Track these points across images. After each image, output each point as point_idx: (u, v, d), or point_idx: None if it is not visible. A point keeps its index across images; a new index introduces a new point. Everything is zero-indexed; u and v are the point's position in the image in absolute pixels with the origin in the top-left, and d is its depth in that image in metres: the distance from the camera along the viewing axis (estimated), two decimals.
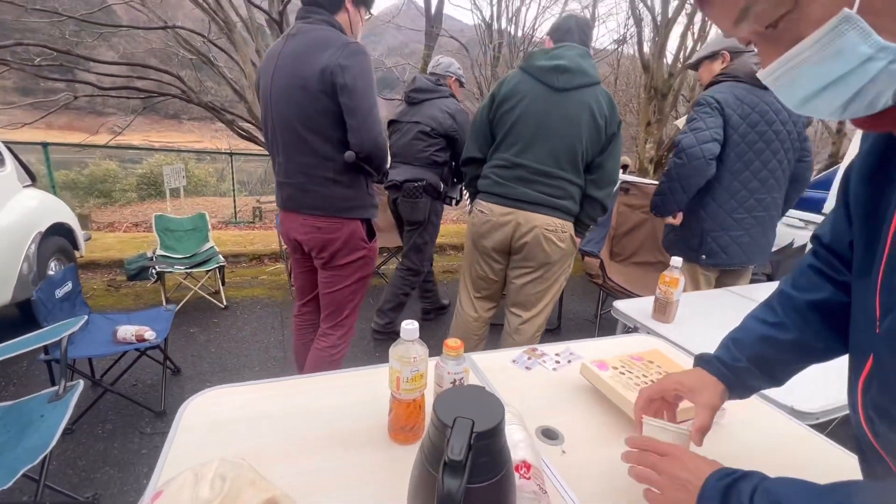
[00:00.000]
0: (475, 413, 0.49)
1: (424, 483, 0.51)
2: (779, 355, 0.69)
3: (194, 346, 2.68)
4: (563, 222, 1.84)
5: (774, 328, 0.68)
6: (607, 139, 1.78)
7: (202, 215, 3.40)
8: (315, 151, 1.52)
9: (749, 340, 0.70)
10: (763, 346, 0.68)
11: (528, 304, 1.99)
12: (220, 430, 0.84)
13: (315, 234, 1.61)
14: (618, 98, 17.08)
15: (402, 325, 0.79)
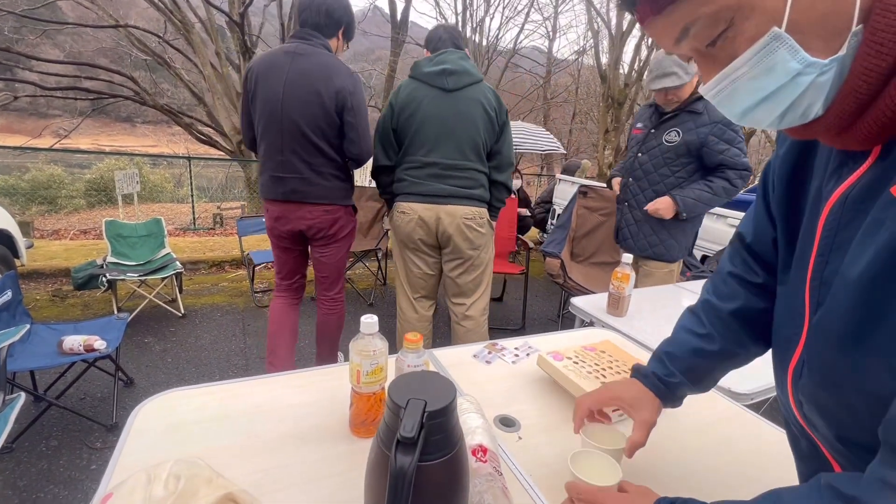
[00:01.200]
0: (428, 394, 0.51)
1: (379, 464, 0.52)
2: (708, 365, 0.72)
3: (149, 356, 2.56)
4: (478, 210, 2.01)
5: (703, 340, 0.71)
6: (500, 127, 1.99)
7: (157, 220, 3.26)
8: (322, 153, 1.87)
9: (681, 353, 0.73)
10: (694, 359, 0.72)
11: (469, 292, 2.16)
12: (175, 433, 0.82)
13: (324, 217, 1.96)
14: (578, 107, 17.68)
15: (362, 319, 0.81)
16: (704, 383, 0.75)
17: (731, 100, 0.43)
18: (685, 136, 1.92)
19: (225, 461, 0.75)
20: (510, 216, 3.52)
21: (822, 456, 0.52)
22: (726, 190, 1.88)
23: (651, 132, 2.03)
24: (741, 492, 0.79)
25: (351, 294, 3.74)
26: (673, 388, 0.72)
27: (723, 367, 0.73)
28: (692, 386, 0.73)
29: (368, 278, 4.17)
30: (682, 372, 0.72)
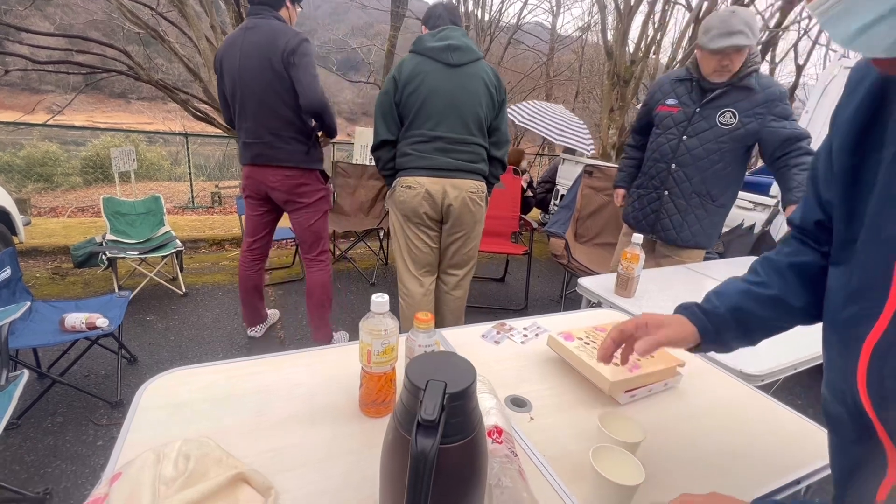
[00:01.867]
0: (447, 376, 0.49)
1: (397, 447, 0.51)
2: (758, 310, 0.68)
3: (151, 334, 2.56)
4: (480, 184, 2.07)
5: (756, 285, 0.69)
6: (499, 104, 2.02)
7: (156, 198, 3.22)
8: (280, 117, 2.01)
9: (730, 292, 0.70)
10: (743, 299, 0.69)
11: (463, 264, 2.22)
12: (182, 412, 0.81)
13: (286, 181, 2.13)
14: (582, 85, 17.35)
15: (373, 297, 0.79)
16: (752, 331, 0.69)
17: (847, 14, 0.36)
18: (743, 119, 1.75)
19: (233, 441, 0.74)
20: (513, 195, 3.48)
21: (874, 441, 0.49)
22: (808, 162, 1.71)
23: (697, 112, 1.84)
24: (756, 472, 0.79)
25: (353, 274, 3.72)
26: (716, 322, 0.68)
27: (777, 319, 0.68)
28: (737, 329, 0.68)
29: (370, 258, 4.15)
30: (727, 309, 0.68)
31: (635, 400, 0.94)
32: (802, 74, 13.99)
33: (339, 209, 3.92)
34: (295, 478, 0.68)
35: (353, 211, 3.96)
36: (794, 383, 2.55)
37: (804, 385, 2.55)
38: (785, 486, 0.77)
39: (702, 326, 0.69)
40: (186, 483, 0.60)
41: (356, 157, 5.45)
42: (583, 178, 3.29)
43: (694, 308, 0.71)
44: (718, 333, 0.69)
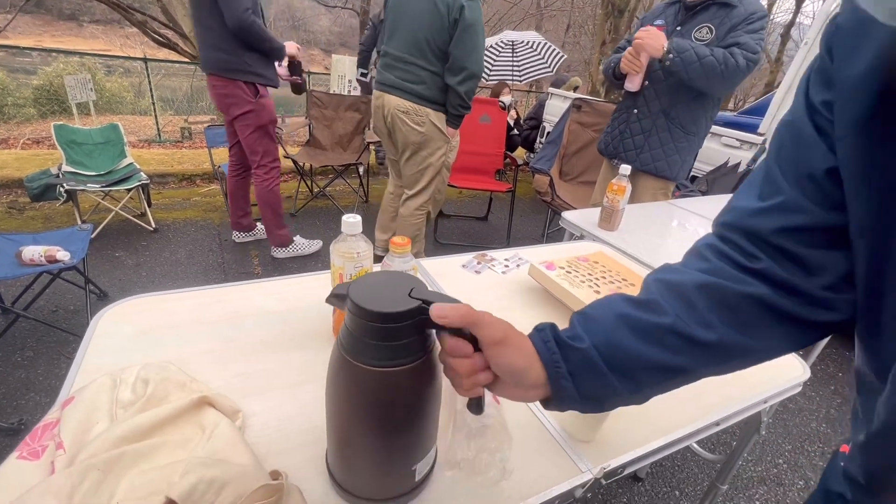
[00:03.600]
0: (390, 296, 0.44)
1: (342, 369, 0.46)
2: (642, 348, 0.43)
3: (122, 270, 2.47)
4: (415, 106, 2.06)
5: (640, 307, 0.45)
6: (451, 26, 1.92)
7: (114, 126, 2.97)
8: (206, 24, 2.11)
9: (603, 318, 0.45)
10: (618, 329, 0.44)
11: (409, 184, 2.31)
12: (145, 338, 0.76)
13: (213, 90, 2.27)
14: (574, 17, 16.43)
15: (344, 218, 0.73)
16: (637, 379, 0.43)
17: None
18: (719, 34, 1.69)
19: (199, 367, 0.70)
20: (498, 132, 3.34)
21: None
22: (725, 59, 1.61)
23: (677, 30, 1.79)
24: (728, 390, 0.80)
25: (332, 212, 3.62)
26: (571, 359, 0.43)
27: (668, 363, 0.43)
28: (614, 375, 0.43)
29: (350, 195, 4.03)
30: (596, 345, 0.43)
31: None
32: (801, 12, 13.48)
33: (316, 143, 3.73)
34: (264, 401, 0.66)
35: (330, 145, 3.77)
36: None
37: None
38: (751, 406, 0.80)
39: (552, 370, 0.43)
40: (145, 406, 0.57)
41: (334, 87, 5.13)
42: (571, 112, 3.16)
43: (549, 335, 0.45)
44: (584, 384, 0.43)
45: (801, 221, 0.40)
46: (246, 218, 2.81)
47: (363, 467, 0.51)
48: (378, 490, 0.52)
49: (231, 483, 0.46)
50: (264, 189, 2.47)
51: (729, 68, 1.61)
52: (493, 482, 0.52)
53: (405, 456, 0.50)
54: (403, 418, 0.47)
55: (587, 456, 0.62)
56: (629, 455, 0.64)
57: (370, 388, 0.44)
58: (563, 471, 0.60)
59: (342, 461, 0.52)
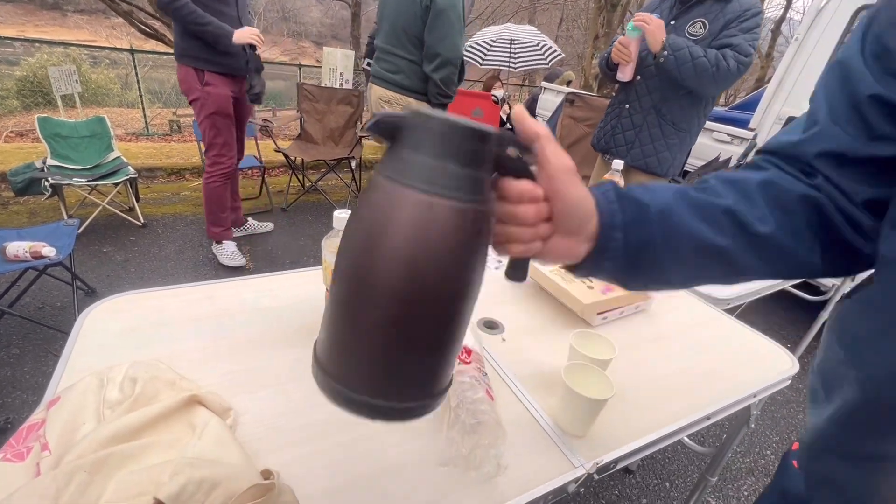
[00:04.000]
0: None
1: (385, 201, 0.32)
2: (698, 227, 0.41)
3: (110, 265, 2.43)
4: (396, 95, 2.09)
5: (701, 191, 0.43)
6: (424, 12, 1.91)
7: (100, 119, 2.91)
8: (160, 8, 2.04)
9: (661, 189, 0.42)
10: (678, 203, 0.41)
11: None
12: (133, 336, 0.75)
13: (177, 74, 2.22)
14: (567, 11, 16.37)
15: (335, 213, 0.72)
16: (677, 259, 0.41)
17: None
18: (712, 30, 1.67)
19: (189, 365, 0.69)
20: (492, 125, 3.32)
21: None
22: (717, 62, 1.61)
23: (671, 23, 1.77)
24: (717, 387, 0.81)
25: (324, 206, 3.59)
26: (628, 206, 0.39)
27: (718, 250, 0.41)
28: (662, 246, 0.40)
29: (342, 190, 4.00)
30: (659, 210, 0.40)
31: (607, 322, 0.94)
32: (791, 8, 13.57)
33: (307, 136, 3.69)
34: (256, 399, 0.65)
35: (321, 139, 3.73)
36: (752, 309, 2.70)
37: (761, 311, 2.71)
38: (741, 400, 0.80)
39: (607, 218, 0.39)
40: (133, 406, 0.56)
41: (325, 81, 5.07)
42: (563, 107, 3.16)
43: (609, 186, 0.41)
44: (631, 245, 0.40)
45: (843, 148, 0.40)
46: (235, 213, 2.77)
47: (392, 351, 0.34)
48: (408, 381, 0.35)
49: (221, 483, 0.46)
50: (204, 183, 2.37)
51: (720, 71, 1.61)
52: (487, 477, 0.52)
53: (450, 335, 0.35)
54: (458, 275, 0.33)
55: (580, 451, 0.63)
56: (621, 450, 0.64)
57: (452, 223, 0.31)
58: (556, 466, 0.60)
59: (361, 348, 0.34)
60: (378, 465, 0.57)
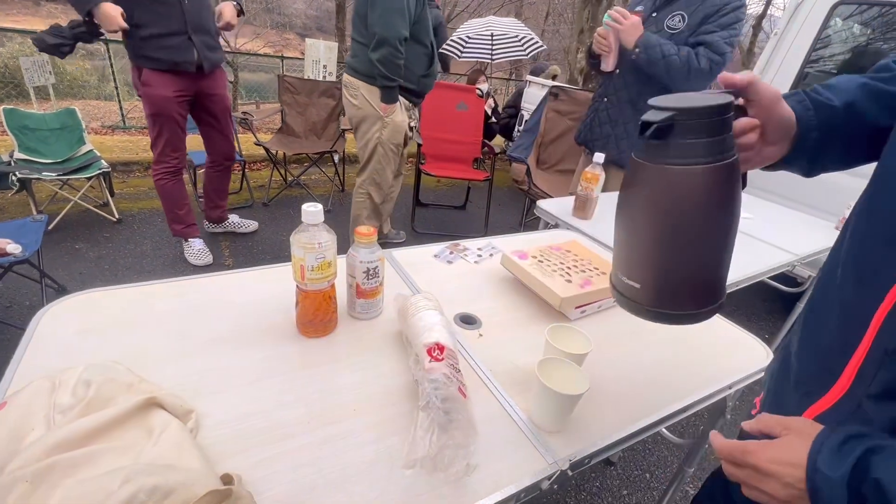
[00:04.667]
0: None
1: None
2: (878, 113, 0.51)
3: (82, 262, 2.36)
4: (351, 79, 2.10)
5: (882, 81, 0.51)
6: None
7: (71, 111, 2.81)
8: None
9: (844, 86, 0.52)
10: (861, 95, 0.51)
11: (359, 159, 2.35)
12: (92, 336, 0.72)
13: None
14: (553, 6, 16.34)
15: (304, 207, 0.69)
16: (859, 142, 0.52)
17: None
18: (690, 23, 1.66)
19: (152, 365, 0.66)
20: (476, 120, 3.31)
21: (839, 359, 0.46)
22: (689, 61, 1.59)
23: (652, 16, 1.75)
24: (693, 380, 0.81)
25: (306, 200, 3.52)
26: (823, 116, 0.51)
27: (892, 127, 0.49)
28: (845, 133, 0.52)
29: (325, 184, 3.94)
30: (844, 105, 0.51)
31: (585, 315, 0.93)
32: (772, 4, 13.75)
33: (288, 129, 3.62)
34: (221, 401, 0.63)
35: (303, 132, 3.67)
36: (732, 300, 2.74)
37: (737, 303, 2.75)
38: (717, 392, 0.80)
39: (806, 123, 0.51)
40: (86, 410, 0.53)
41: (308, 73, 4.98)
42: (548, 100, 3.15)
43: (803, 97, 0.52)
44: (822, 139, 0.51)
45: None
46: (217, 210, 2.70)
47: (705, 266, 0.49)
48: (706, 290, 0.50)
49: (176, 490, 0.44)
50: (153, 179, 2.24)
51: (692, 71, 1.60)
52: (456, 478, 0.51)
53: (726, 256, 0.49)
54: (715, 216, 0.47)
55: (555, 447, 0.62)
56: (595, 445, 0.63)
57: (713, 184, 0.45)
58: (531, 463, 0.59)
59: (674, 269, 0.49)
60: (346, 467, 0.55)
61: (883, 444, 0.36)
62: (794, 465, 0.40)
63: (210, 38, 2.06)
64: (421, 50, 2.10)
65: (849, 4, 2.43)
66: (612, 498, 1.48)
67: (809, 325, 0.53)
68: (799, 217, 1.85)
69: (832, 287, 0.49)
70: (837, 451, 0.38)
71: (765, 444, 0.44)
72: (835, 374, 0.46)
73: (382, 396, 0.66)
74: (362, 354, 0.74)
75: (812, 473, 0.38)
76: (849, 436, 0.39)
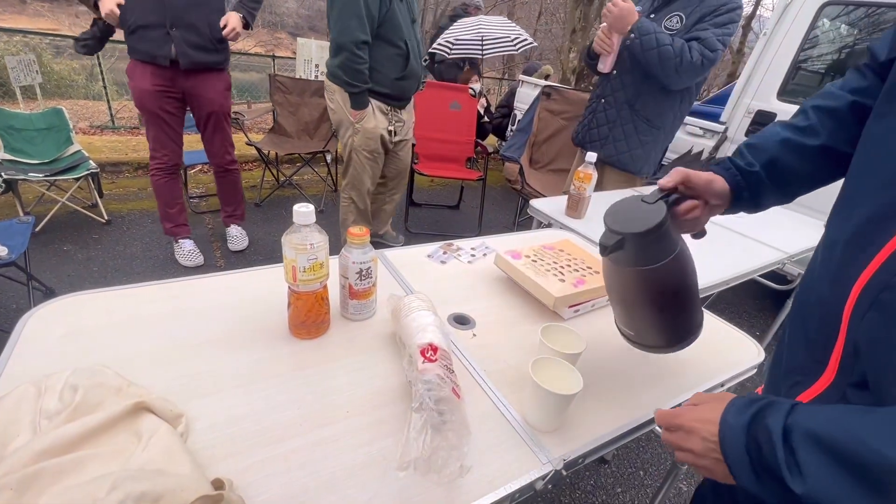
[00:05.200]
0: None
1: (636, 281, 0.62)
2: (798, 164, 0.61)
3: (71, 264, 2.32)
4: (329, 83, 2.06)
5: (800, 132, 0.60)
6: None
7: (58, 111, 2.77)
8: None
9: (767, 145, 0.62)
10: (782, 151, 0.61)
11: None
12: (80, 339, 0.71)
13: None
14: (545, 6, 16.39)
15: (295, 208, 0.69)
16: (788, 187, 0.63)
17: None
18: (687, 24, 1.67)
19: (141, 369, 0.65)
20: (469, 119, 3.30)
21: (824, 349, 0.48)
22: (682, 52, 1.60)
23: (650, 17, 1.76)
24: (685, 378, 0.81)
25: (299, 201, 3.49)
26: (750, 178, 0.62)
27: (817, 172, 0.61)
28: (772, 185, 0.62)
29: (318, 184, 3.92)
30: (762, 165, 0.62)
31: (579, 315, 0.93)
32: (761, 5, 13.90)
33: (280, 129, 3.59)
34: (212, 404, 0.62)
35: (296, 132, 3.64)
36: (723, 298, 2.77)
37: (729, 301, 2.78)
38: (709, 389, 0.81)
39: (736, 185, 0.62)
40: (73, 416, 0.52)
41: (300, 72, 4.96)
42: (540, 99, 3.16)
43: (728, 163, 0.63)
44: (753, 194, 0.63)
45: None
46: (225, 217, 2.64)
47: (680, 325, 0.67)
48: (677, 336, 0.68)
49: (164, 496, 0.43)
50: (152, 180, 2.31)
51: (683, 63, 1.60)
52: (450, 479, 0.51)
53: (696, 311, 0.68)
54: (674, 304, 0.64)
55: (550, 447, 0.62)
56: (589, 445, 0.63)
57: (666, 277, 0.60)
58: (524, 463, 0.59)
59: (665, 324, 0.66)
60: (338, 470, 0.54)
61: (780, 400, 0.44)
62: (711, 421, 0.47)
63: (196, 37, 2.02)
64: (392, 51, 1.98)
65: (836, 5, 2.46)
66: (607, 496, 1.49)
67: (797, 318, 0.55)
68: (788, 215, 1.87)
69: (813, 283, 0.52)
70: (744, 407, 0.45)
71: (690, 408, 0.53)
72: (821, 365, 0.48)
73: (376, 398, 0.66)
74: (355, 356, 0.74)
75: (722, 425, 0.46)
76: (755, 398, 0.46)
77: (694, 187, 0.62)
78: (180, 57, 2.01)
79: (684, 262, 0.61)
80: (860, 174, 0.49)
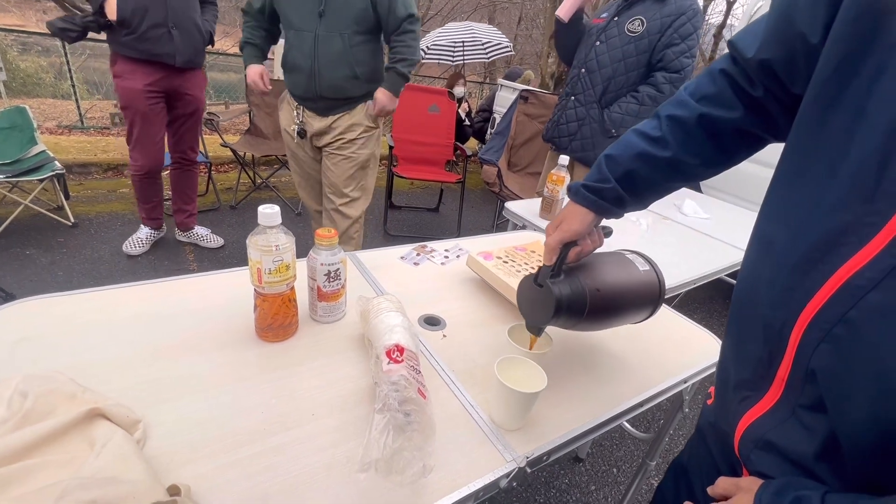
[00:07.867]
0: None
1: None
2: (650, 173, 0.64)
3: (33, 268, 2.24)
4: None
5: (653, 144, 0.63)
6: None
7: (21, 109, 2.67)
8: None
9: (624, 157, 0.65)
10: (636, 163, 0.64)
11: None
12: (31, 346, 0.68)
13: None
14: (525, 11, 16.60)
15: (260, 209, 0.68)
16: (643, 196, 0.67)
17: None
18: (649, 27, 1.72)
19: (100, 375, 0.64)
20: (448, 122, 3.32)
21: (767, 374, 0.48)
22: (653, 98, 1.74)
23: (614, 20, 1.81)
24: (649, 374, 0.84)
25: (277, 203, 3.46)
26: (605, 195, 0.65)
27: (668, 180, 0.66)
28: (629, 198, 0.66)
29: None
30: (618, 179, 0.64)
31: None
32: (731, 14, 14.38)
33: (257, 131, 3.54)
34: (173, 409, 0.61)
35: (272, 133, 3.59)
36: (691, 297, 2.84)
37: (699, 300, 2.85)
38: (672, 386, 0.83)
39: (595, 207, 0.66)
40: (22, 423, 0.51)
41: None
42: (518, 103, 3.19)
43: (582, 191, 0.66)
44: (611, 205, 0.66)
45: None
46: (180, 215, 2.59)
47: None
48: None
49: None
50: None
51: (657, 101, 1.73)
52: (412, 480, 0.51)
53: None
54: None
55: (515, 445, 0.62)
56: (553, 442, 0.64)
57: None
58: (489, 462, 0.59)
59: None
60: (300, 474, 0.54)
61: (809, 494, 0.42)
62: None
63: (191, 36, 2.05)
64: (288, 39, 1.78)
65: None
66: (581, 493, 1.51)
67: (735, 335, 0.54)
68: (753, 216, 1.93)
69: (754, 297, 0.50)
70: (772, 499, 0.44)
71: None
72: (767, 381, 0.48)
73: (343, 400, 0.66)
74: (323, 358, 0.74)
75: None
76: (782, 486, 0.44)
77: (571, 241, 0.66)
78: (178, 55, 2.05)
79: (602, 290, 0.66)
80: (801, 185, 0.46)
